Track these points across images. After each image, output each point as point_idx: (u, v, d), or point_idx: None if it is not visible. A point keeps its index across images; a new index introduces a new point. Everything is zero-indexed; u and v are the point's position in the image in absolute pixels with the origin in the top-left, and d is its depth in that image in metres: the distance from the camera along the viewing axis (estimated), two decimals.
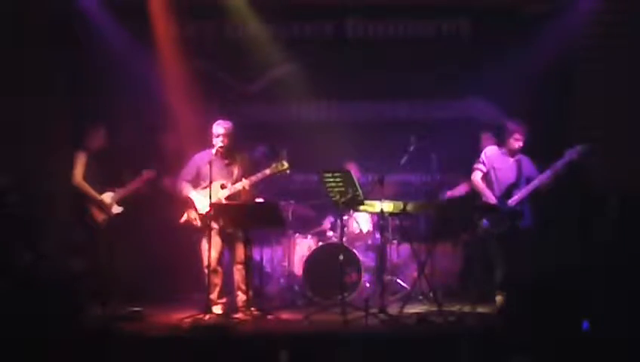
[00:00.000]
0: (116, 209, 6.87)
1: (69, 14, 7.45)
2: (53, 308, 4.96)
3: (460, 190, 7.39)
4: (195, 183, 6.44)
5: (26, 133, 7.19)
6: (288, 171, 6.31)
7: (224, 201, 6.30)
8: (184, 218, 6.45)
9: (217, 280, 6.36)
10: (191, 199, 6.37)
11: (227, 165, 6.48)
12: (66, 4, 7.42)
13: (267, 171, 6.31)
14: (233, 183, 6.38)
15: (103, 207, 6.80)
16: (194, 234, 6.51)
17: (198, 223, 6.35)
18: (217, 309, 6.28)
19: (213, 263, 6.28)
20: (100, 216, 6.79)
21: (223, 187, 6.36)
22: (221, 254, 6.43)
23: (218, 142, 6.35)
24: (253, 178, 6.33)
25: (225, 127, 6.38)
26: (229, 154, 6.47)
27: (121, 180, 6.98)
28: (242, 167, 6.47)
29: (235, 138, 6.44)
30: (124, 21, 7.60)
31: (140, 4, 7.57)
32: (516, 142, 6.48)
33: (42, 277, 5.74)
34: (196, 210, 6.34)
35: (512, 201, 6.40)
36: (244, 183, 6.32)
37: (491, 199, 6.49)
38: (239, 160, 6.51)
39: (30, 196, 6.75)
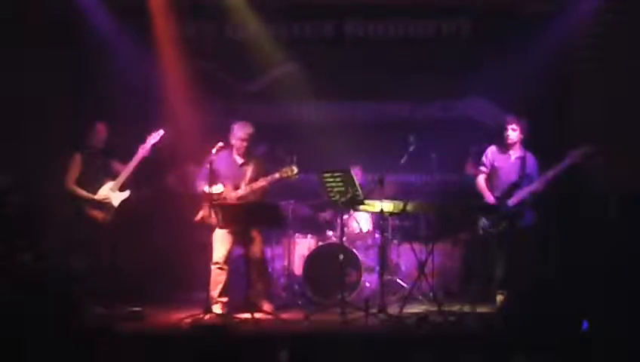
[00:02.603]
0: (119, 196, 6.55)
1: (69, 14, 7.46)
2: (53, 307, 4.96)
3: None
4: (211, 182, 6.41)
5: (26, 133, 7.21)
6: (297, 176, 6.31)
7: (235, 201, 6.33)
8: (199, 216, 6.44)
9: (222, 277, 6.37)
10: (207, 194, 6.30)
11: (241, 166, 6.52)
12: (66, 4, 7.42)
13: (277, 175, 6.32)
14: (246, 184, 6.41)
15: (102, 204, 6.56)
16: (205, 232, 6.50)
17: (213, 220, 6.32)
18: (217, 308, 6.28)
19: (221, 261, 6.32)
20: (100, 215, 6.56)
21: (236, 187, 6.38)
22: (230, 252, 6.44)
23: (239, 145, 6.44)
24: (262, 181, 6.36)
25: (247, 133, 6.44)
26: (244, 155, 6.53)
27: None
28: (256, 169, 6.50)
29: (252, 140, 6.51)
30: (125, 21, 7.61)
31: (140, 4, 7.57)
32: (512, 133, 6.47)
33: (42, 277, 5.74)
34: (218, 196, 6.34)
35: (511, 201, 6.40)
36: (257, 185, 6.36)
37: (490, 199, 6.50)
38: (254, 162, 6.54)
39: (30, 196, 6.76)
